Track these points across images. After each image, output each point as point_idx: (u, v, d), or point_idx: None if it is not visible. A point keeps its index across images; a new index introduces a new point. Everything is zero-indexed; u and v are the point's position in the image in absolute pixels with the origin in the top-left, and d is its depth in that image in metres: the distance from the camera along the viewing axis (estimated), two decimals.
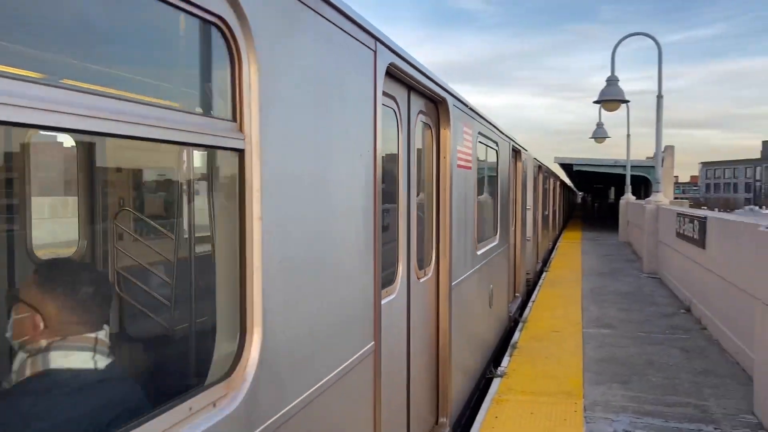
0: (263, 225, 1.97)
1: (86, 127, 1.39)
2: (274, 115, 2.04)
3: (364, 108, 2.97)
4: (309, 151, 2.37)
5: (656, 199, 14.33)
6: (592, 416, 5.18)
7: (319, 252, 2.44)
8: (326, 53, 2.51)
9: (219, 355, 1.97)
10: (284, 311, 2.12)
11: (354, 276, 2.85)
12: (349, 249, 2.80)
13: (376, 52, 3.08)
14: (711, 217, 8.55)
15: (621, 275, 13.94)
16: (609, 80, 14.45)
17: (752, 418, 5.06)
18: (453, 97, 4.88)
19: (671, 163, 24.86)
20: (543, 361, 6.96)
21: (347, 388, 2.71)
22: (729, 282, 7.26)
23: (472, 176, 5.78)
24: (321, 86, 2.46)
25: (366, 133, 2.98)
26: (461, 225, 5.27)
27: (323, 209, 2.50)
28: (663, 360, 6.90)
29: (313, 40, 2.37)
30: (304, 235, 2.31)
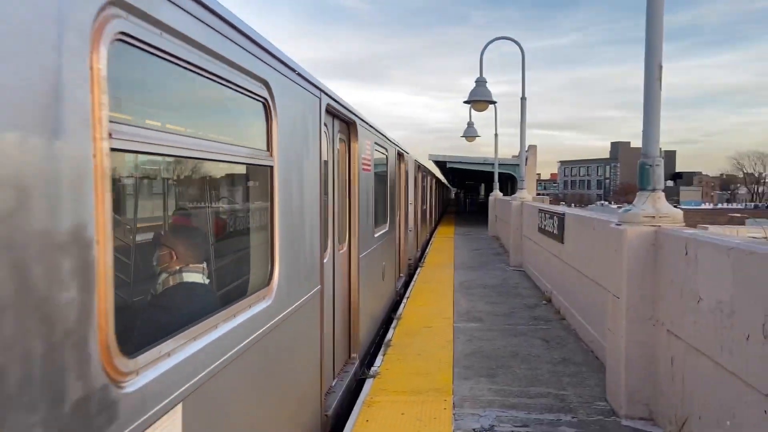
0: (279, 209, 3.70)
1: (208, 157, 2.86)
2: (281, 146, 3.75)
3: (315, 134, 4.68)
4: (294, 163, 4.07)
5: (521, 195, 15.10)
6: (460, 413, 5.23)
7: (298, 226, 4.20)
8: (300, 105, 4.28)
9: (263, 276, 3.66)
10: (286, 260, 3.86)
11: (311, 243, 4.55)
12: (310, 225, 4.50)
13: (320, 98, 4.90)
14: (569, 213, 9.07)
15: (489, 269, 14.54)
16: (477, 82, 15.00)
17: (605, 404, 5.37)
18: (359, 119, 6.71)
19: (534, 161, 26.47)
20: (415, 358, 6.99)
21: (310, 307, 4.53)
22: (584, 275, 7.72)
23: (371, 177, 7.60)
24: (298, 123, 4.19)
25: (316, 149, 4.70)
26: (364, 213, 7.11)
27: (301, 200, 4.24)
28: (526, 351, 7.20)
29: (296, 100, 4.16)
30: (294, 215, 4.07)
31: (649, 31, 5.03)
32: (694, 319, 4.15)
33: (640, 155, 5.16)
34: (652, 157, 5.02)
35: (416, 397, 5.68)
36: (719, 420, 3.79)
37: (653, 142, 5.05)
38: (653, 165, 5.00)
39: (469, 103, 15.21)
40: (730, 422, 3.65)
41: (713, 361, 3.86)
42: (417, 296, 10.90)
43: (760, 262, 3.30)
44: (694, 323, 4.15)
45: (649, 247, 4.90)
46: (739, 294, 3.54)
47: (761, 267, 3.29)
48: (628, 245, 4.94)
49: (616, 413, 5.11)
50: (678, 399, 4.43)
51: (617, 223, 5.21)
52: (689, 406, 4.25)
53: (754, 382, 3.34)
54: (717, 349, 3.79)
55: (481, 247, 19.85)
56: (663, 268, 4.75)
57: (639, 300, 4.93)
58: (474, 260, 16.26)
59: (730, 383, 3.63)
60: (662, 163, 5.04)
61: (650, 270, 4.90)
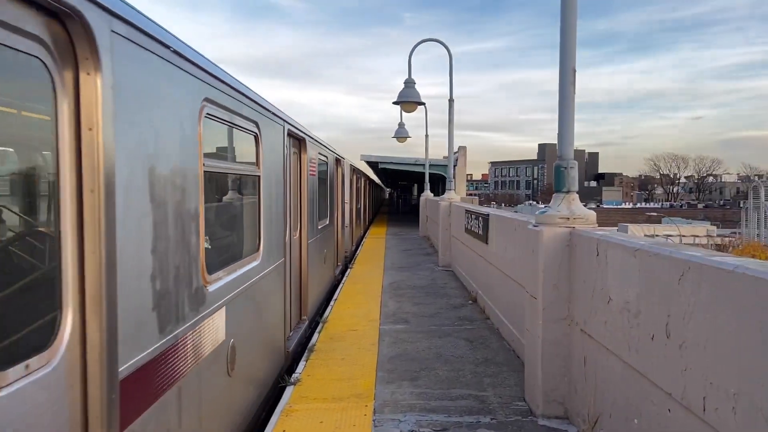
0: (262, 206, 5.59)
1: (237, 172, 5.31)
2: (264, 162, 5.67)
3: (280, 152, 6.61)
4: (271, 173, 6.02)
5: (449, 196, 15.25)
6: (380, 419, 5.14)
7: (273, 216, 6.09)
8: (273, 132, 6.17)
9: (255, 246, 5.48)
10: (266, 238, 5.75)
11: (279, 229, 6.43)
12: (278, 216, 6.38)
13: (284, 126, 6.83)
14: (492, 214, 9.18)
15: (419, 269, 14.59)
16: (406, 83, 15.02)
17: (523, 404, 5.42)
18: (308, 136, 8.65)
19: (464, 162, 26.88)
20: (338, 362, 6.86)
21: (278, 272, 6.39)
22: (506, 275, 7.82)
23: (316, 180, 9.49)
24: (272, 145, 6.08)
25: (281, 163, 6.64)
26: (311, 208, 8.91)
27: (274, 198, 6.17)
28: (450, 352, 7.21)
29: (272, 130, 6.07)
30: (271, 208, 5.97)
31: (563, 37, 5.10)
32: (604, 319, 4.22)
33: (556, 157, 5.23)
34: (566, 160, 5.09)
35: (337, 404, 5.54)
36: (628, 418, 3.86)
37: (568, 145, 5.12)
38: (568, 167, 5.08)
39: (398, 104, 15.21)
40: (637, 420, 3.73)
41: (622, 360, 3.93)
42: (344, 299, 10.77)
43: (663, 263, 3.37)
44: (604, 323, 4.22)
45: (564, 247, 4.97)
46: (644, 294, 3.61)
47: (664, 268, 3.35)
48: (544, 246, 4.99)
49: (534, 413, 5.16)
50: (591, 397, 4.50)
51: (534, 225, 5.26)
52: (601, 405, 4.32)
53: (659, 381, 3.41)
54: (625, 348, 3.86)
55: (411, 247, 19.95)
56: (577, 268, 4.83)
57: (554, 300, 4.99)
58: (404, 261, 16.29)
59: (638, 382, 3.70)
60: (576, 165, 5.13)
61: (565, 270, 4.97)
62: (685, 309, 3.10)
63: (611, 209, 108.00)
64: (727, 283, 2.74)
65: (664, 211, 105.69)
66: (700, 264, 2.99)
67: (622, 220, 51.18)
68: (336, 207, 12.99)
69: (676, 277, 3.20)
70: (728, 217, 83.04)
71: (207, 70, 3.91)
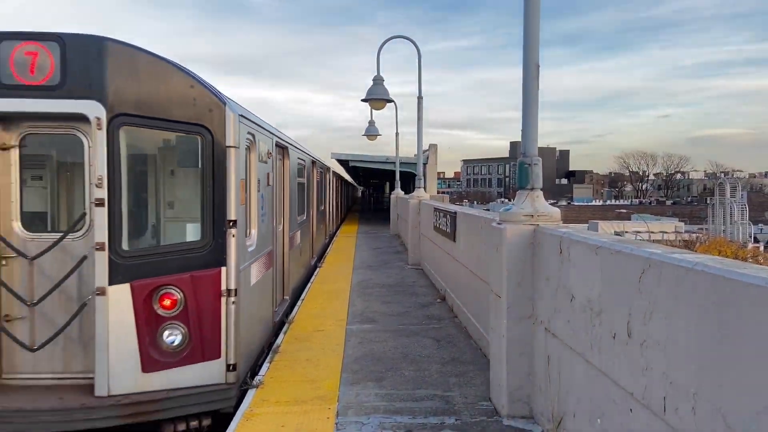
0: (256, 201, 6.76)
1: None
2: (259, 169, 6.88)
3: (271, 159, 7.74)
4: (263, 176, 7.20)
5: (418, 194, 15.18)
6: (343, 422, 5.02)
7: (265, 211, 7.32)
8: (265, 144, 7.29)
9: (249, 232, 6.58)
10: (258, 227, 6.80)
11: (268, 221, 7.59)
12: (269, 211, 7.59)
13: (273, 139, 7.92)
14: (460, 212, 9.13)
15: (388, 267, 14.50)
16: (375, 80, 14.89)
17: (489, 404, 5.35)
18: (291, 145, 9.92)
19: (435, 159, 26.90)
20: (303, 364, 6.71)
21: (268, 257, 7.51)
22: (473, 272, 7.76)
23: (296, 181, 10.82)
24: (264, 154, 7.28)
25: (271, 167, 7.81)
26: (293, 205, 10.21)
27: (266, 196, 7.39)
28: (417, 351, 7.12)
29: (264, 142, 7.26)
30: (262, 205, 7.25)
31: (526, 32, 5.03)
32: (568, 318, 4.16)
33: (520, 154, 5.16)
34: (530, 156, 5.03)
35: (300, 407, 5.41)
36: (591, 418, 3.81)
37: (532, 141, 5.06)
38: (532, 164, 5.02)
39: (366, 101, 15.09)
40: (600, 420, 3.67)
41: (585, 359, 3.87)
42: (312, 299, 10.61)
43: (624, 260, 3.32)
44: (568, 321, 4.16)
45: (527, 245, 4.91)
46: (606, 292, 3.56)
47: (625, 266, 3.30)
48: (508, 244, 4.93)
49: (499, 413, 5.09)
50: (555, 397, 4.45)
51: (498, 222, 5.19)
52: (565, 404, 4.27)
53: (621, 381, 3.35)
54: (588, 347, 3.80)
55: (381, 245, 19.85)
56: (540, 266, 4.77)
57: (518, 298, 4.93)
58: (373, 259, 16.18)
59: (600, 381, 3.65)
60: (540, 161, 5.07)
61: (529, 268, 4.91)
62: (646, 307, 3.05)
63: (582, 206, 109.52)
64: (687, 280, 2.68)
65: (634, 208, 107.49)
66: (660, 261, 2.93)
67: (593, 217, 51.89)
68: (312, 204, 14.37)
69: (636, 274, 3.14)
70: (695, 214, 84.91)
71: (250, 119, 6.50)
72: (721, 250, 23.40)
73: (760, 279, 2.23)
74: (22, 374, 5.59)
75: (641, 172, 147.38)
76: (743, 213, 37.67)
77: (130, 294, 5.34)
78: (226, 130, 5.51)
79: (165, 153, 6.04)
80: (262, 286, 7.09)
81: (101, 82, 5.29)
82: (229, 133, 5.53)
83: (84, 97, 5.29)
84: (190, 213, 5.91)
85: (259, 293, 6.93)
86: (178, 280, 5.43)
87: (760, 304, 2.20)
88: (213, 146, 5.48)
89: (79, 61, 5.29)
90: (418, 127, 15.12)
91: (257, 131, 6.79)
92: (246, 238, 6.23)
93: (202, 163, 5.58)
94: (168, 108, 5.40)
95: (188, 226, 5.92)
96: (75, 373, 5.62)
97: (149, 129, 5.51)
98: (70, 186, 5.96)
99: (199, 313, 5.46)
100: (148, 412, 5.30)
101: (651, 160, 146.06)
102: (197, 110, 5.46)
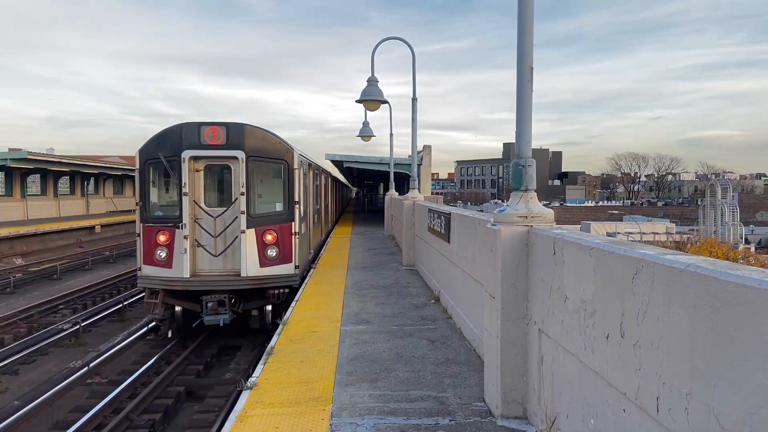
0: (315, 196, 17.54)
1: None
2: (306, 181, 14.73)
3: (299, 170, 13.03)
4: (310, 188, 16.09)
5: (413, 195, 15.19)
6: (337, 423, 5.02)
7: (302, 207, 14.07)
8: (305, 167, 14.60)
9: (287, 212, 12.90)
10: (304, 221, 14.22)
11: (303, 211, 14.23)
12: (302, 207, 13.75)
13: (307, 162, 15.14)
14: (454, 213, 9.14)
15: (383, 268, 14.51)
16: (369, 81, 14.89)
17: (483, 405, 5.36)
18: (310, 160, 15.83)
19: (429, 161, 26.92)
20: (297, 365, 6.71)
21: (307, 222, 14.87)
22: (467, 273, 7.78)
23: (314, 184, 16.62)
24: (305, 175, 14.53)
25: (300, 176, 13.38)
26: (313, 197, 16.56)
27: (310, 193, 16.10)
28: (411, 353, 7.13)
29: (304, 167, 14.35)
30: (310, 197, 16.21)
31: (520, 35, 5.05)
32: (561, 318, 4.18)
33: (514, 156, 5.19)
34: (524, 158, 5.06)
35: (294, 408, 5.41)
36: (584, 418, 3.83)
37: (526, 143, 5.09)
38: (526, 165, 5.04)
39: (361, 102, 15.08)
40: (593, 420, 3.69)
41: (578, 359, 3.89)
42: (306, 300, 10.61)
43: (618, 261, 3.34)
44: (561, 322, 4.18)
45: (522, 246, 4.93)
46: (599, 293, 3.58)
47: (618, 266, 3.32)
48: (502, 245, 4.94)
49: (493, 413, 5.11)
50: (548, 397, 4.47)
51: (492, 223, 5.21)
52: (558, 405, 4.29)
53: (614, 381, 3.37)
54: (581, 347, 3.83)
55: (376, 246, 19.85)
56: (534, 267, 4.79)
57: (513, 299, 4.95)
58: (368, 260, 16.19)
59: (594, 382, 3.67)
60: (534, 163, 5.09)
61: (523, 269, 4.93)
62: (639, 308, 3.07)
63: (574, 207, 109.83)
64: (679, 281, 2.71)
65: (626, 208, 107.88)
66: (653, 262, 2.95)
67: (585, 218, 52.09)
68: (320, 203, 19.89)
69: (630, 275, 3.16)
70: (687, 215, 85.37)
71: (302, 154, 13.00)
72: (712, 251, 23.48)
73: (752, 280, 2.25)
74: (206, 270, 11.76)
75: (633, 173, 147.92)
76: (734, 214, 37.88)
77: (254, 233, 11.83)
78: (294, 161, 12.30)
79: (268, 171, 12.44)
80: (305, 234, 14.21)
81: (243, 142, 11.77)
82: (295, 162, 12.35)
83: (236, 148, 11.76)
84: (278, 198, 12.39)
85: (305, 236, 14.15)
86: (274, 227, 12.08)
87: (752, 305, 2.22)
88: (289, 169, 12.27)
89: (234, 133, 11.79)
90: (412, 128, 15.14)
91: (303, 159, 13.70)
92: (299, 211, 12.72)
93: (283, 176, 12.35)
94: (270, 152, 12.12)
95: (277, 204, 12.37)
96: (231, 269, 11.80)
97: (263, 162, 12.14)
98: (227, 187, 12.02)
99: (283, 242, 12.09)
100: (263, 283, 11.97)
101: (643, 162, 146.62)
102: (281, 153, 12.22)
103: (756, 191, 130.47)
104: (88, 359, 11.67)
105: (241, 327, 12.91)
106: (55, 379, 10.63)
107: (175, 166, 11.53)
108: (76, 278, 23.78)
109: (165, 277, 11.51)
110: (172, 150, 11.58)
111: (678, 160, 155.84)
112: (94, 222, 38.39)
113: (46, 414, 9.22)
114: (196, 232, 11.67)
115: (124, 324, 15.82)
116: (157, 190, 12.39)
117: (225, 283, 11.50)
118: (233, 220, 11.64)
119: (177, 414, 9.65)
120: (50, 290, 20.75)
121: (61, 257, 28.67)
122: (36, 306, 16.97)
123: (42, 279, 23.22)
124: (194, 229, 11.64)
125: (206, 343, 13.00)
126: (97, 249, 32.66)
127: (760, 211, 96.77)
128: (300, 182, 12.70)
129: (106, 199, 49.45)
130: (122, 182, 52.70)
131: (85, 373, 10.85)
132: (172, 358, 11.89)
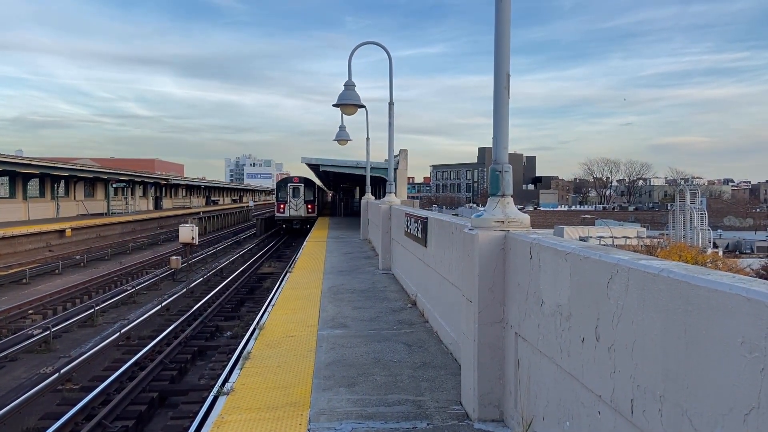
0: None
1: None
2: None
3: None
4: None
5: (389, 199, 15.23)
6: (316, 428, 5.01)
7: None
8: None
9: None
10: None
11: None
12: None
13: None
14: (431, 217, 9.20)
15: (359, 272, 14.50)
16: (346, 85, 14.91)
17: (460, 408, 5.40)
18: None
19: (405, 165, 27.00)
20: (274, 370, 6.67)
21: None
22: (444, 277, 7.83)
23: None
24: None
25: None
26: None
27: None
28: (389, 357, 7.14)
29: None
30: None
31: (497, 42, 5.12)
32: (538, 322, 4.24)
33: (491, 161, 5.25)
34: (501, 163, 5.12)
35: (271, 414, 5.38)
36: (560, 420, 3.89)
37: (503, 148, 5.15)
38: (503, 171, 5.10)
39: (338, 106, 15.09)
40: (569, 423, 3.75)
41: (554, 363, 3.95)
42: (283, 303, 10.55)
43: (593, 266, 3.40)
44: (538, 326, 4.24)
45: (499, 251, 4.99)
46: (575, 297, 3.64)
47: (593, 271, 3.39)
48: (480, 249, 4.99)
49: (470, 417, 5.15)
50: (525, 400, 4.52)
51: (470, 228, 5.26)
52: (534, 408, 4.34)
53: (590, 384, 3.44)
54: (557, 351, 3.88)
55: (352, 250, 19.83)
56: (511, 271, 4.85)
57: (490, 303, 5.00)
58: (344, 264, 16.16)
59: (569, 385, 3.73)
60: (511, 168, 5.16)
61: (500, 273, 4.99)
62: (614, 312, 3.13)
63: (548, 212, 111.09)
64: (653, 286, 2.77)
65: (598, 213, 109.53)
66: (627, 267, 3.02)
67: (559, 222, 52.72)
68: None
69: (604, 280, 3.23)
70: (657, 219, 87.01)
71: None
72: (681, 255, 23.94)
73: (723, 285, 2.32)
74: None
75: (605, 178, 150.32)
76: (703, 219, 38.74)
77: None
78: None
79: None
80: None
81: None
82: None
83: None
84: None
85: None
86: None
87: (723, 309, 2.29)
88: None
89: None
90: (389, 132, 15.19)
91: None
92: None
93: None
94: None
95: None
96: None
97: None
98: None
99: None
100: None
101: (614, 167, 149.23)
102: None
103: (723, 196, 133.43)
104: (59, 365, 11.44)
105: (214, 332, 12.74)
106: (25, 386, 10.40)
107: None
108: (46, 282, 23.29)
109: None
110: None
111: (648, 166, 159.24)
112: (64, 225, 37.65)
113: (15, 421, 9.01)
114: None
115: (96, 329, 15.54)
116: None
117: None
118: None
119: (151, 420, 9.51)
120: (19, 295, 20.29)
121: (30, 261, 28.05)
122: (4, 311, 16.58)
123: (10, 284, 22.69)
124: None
125: (180, 348, 12.84)
126: (67, 253, 32.05)
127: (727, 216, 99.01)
128: None
129: (77, 202, 48.56)
130: (93, 185, 51.79)
131: (56, 380, 10.63)
132: (146, 363, 11.72)
